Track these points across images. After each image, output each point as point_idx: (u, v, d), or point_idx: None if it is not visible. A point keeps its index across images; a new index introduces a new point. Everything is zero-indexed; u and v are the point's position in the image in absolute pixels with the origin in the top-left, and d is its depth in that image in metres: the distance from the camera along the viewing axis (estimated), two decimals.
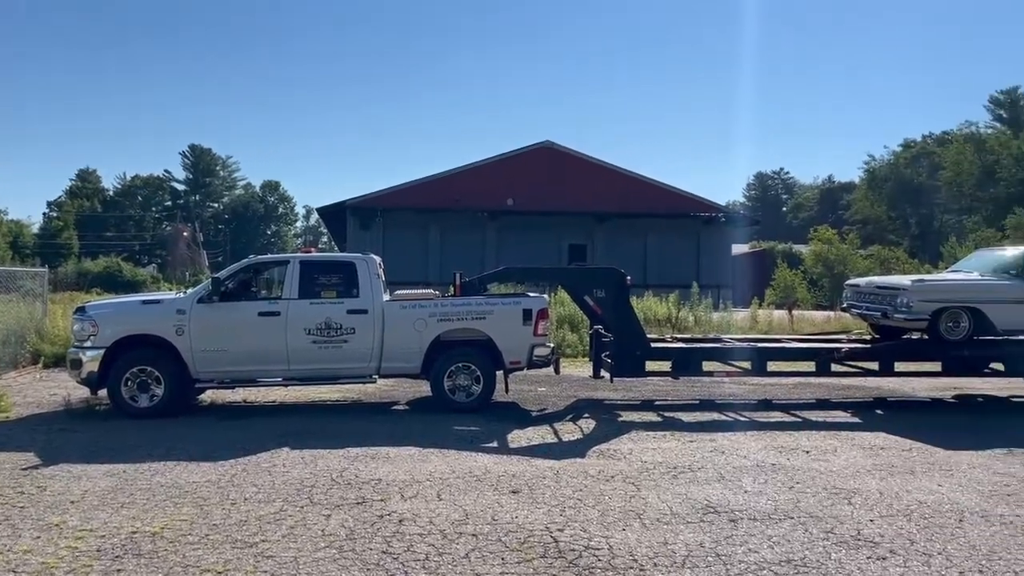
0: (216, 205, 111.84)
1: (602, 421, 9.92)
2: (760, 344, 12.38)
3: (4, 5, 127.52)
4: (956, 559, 5.17)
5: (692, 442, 8.67)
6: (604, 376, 11.62)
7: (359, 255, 10.84)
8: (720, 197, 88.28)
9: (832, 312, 24.99)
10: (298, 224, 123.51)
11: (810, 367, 11.72)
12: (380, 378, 10.72)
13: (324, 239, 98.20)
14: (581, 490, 6.66)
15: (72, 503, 6.18)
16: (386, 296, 10.70)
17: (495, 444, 8.49)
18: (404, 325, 10.33)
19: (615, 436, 8.95)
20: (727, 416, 10.47)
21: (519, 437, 8.84)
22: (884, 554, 5.23)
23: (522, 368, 10.71)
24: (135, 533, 5.48)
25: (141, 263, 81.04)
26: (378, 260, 10.88)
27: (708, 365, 11.67)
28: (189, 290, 11.09)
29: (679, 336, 14.34)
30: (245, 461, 7.53)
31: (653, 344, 11.86)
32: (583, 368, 13.83)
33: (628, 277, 11.53)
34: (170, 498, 6.32)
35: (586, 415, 10.31)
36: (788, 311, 24.55)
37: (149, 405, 9.75)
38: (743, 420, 10.19)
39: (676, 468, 7.46)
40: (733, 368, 11.68)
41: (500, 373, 10.61)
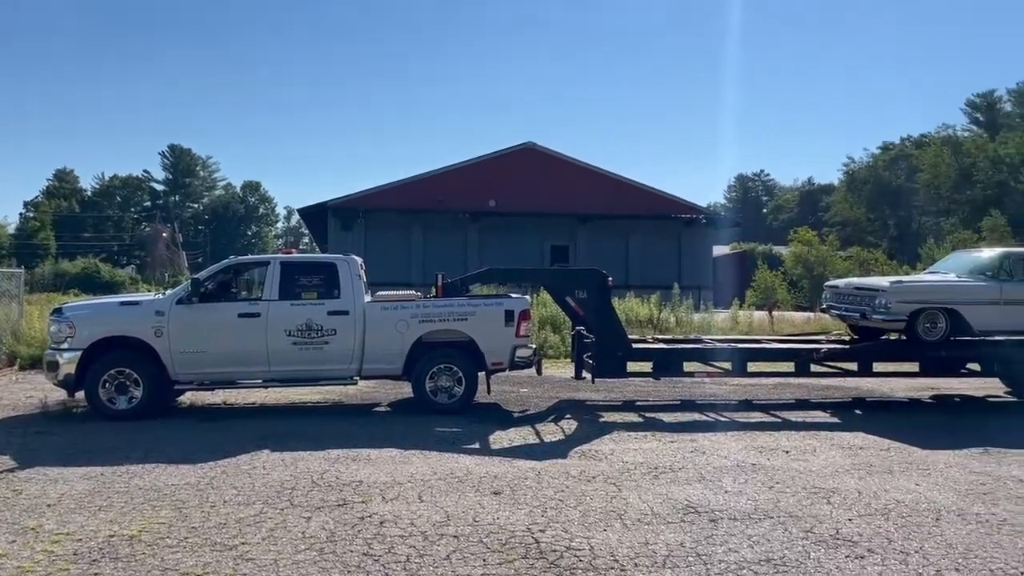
0: (196, 206, 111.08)
1: (584, 422, 9.94)
2: (740, 345, 12.46)
3: None
4: (933, 557, 5.22)
5: (673, 442, 8.71)
6: (586, 377, 11.65)
7: (340, 256, 10.80)
8: (701, 199, 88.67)
9: (812, 313, 25.17)
10: (279, 225, 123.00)
11: (790, 368, 11.81)
12: (361, 380, 10.70)
13: (305, 240, 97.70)
14: (562, 491, 6.67)
15: (48, 506, 6.11)
16: (367, 297, 10.66)
17: (477, 445, 8.48)
18: (386, 326, 10.30)
19: (597, 437, 8.97)
20: (708, 416, 10.52)
21: (501, 438, 8.84)
22: (862, 553, 5.28)
23: (504, 369, 10.71)
24: (112, 536, 5.42)
25: (120, 264, 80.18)
26: (359, 261, 10.85)
27: (689, 366, 11.73)
28: (168, 291, 10.99)
29: (660, 337, 14.40)
30: (225, 463, 7.48)
31: (634, 345, 11.90)
32: (565, 369, 13.85)
33: (610, 278, 11.56)
34: (148, 501, 6.26)
35: (568, 416, 10.33)
36: (768, 312, 24.73)
37: (127, 407, 9.66)
38: (724, 420, 10.24)
39: (657, 468, 7.49)
40: (714, 369, 11.74)
41: (482, 374, 10.61)
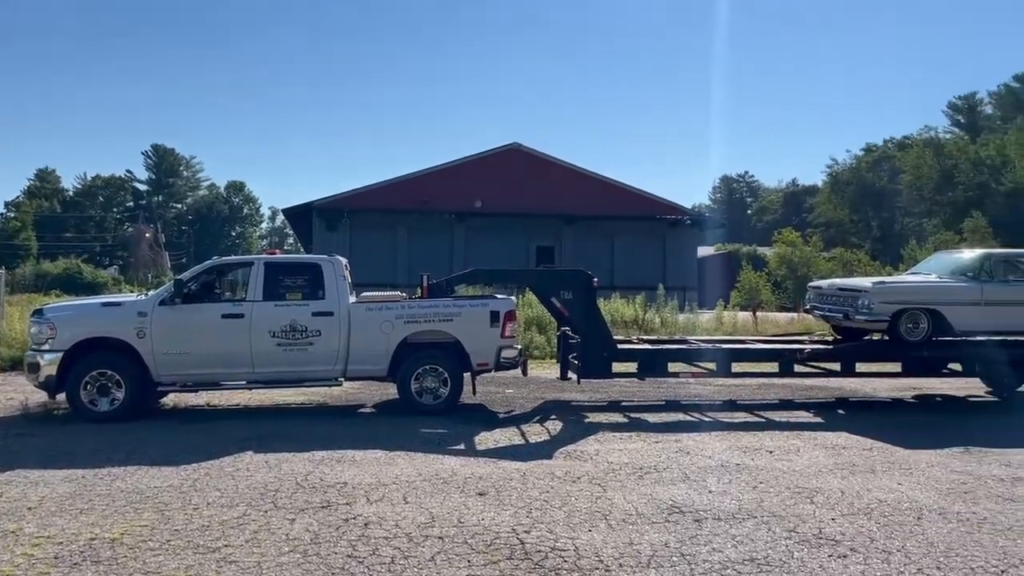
0: (179, 206, 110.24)
1: (569, 422, 9.95)
2: (725, 345, 12.51)
3: None
4: (914, 556, 5.27)
5: (658, 443, 8.73)
6: (571, 378, 11.66)
7: (324, 257, 10.76)
8: (686, 200, 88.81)
9: (796, 314, 25.33)
10: (263, 225, 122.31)
11: (774, 368, 11.88)
12: (346, 381, 10.66)
13: (290, 240, 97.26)
14: (548, 491, 6.68)
15: (29, 509, 6.05)
16: (352, 298, 10.63)
17: (462, 446, 8.47)
18: (370, 327, 10.27)
19: (582, 437, 8.99)
20: (692, 417, 10.56)
21: (486, 439, 8.84)
22: (845, 552, 5.31)
23: (490, 370, 10.71)
24: (94, 540, 5.38)
25: (102, 265, 79.51)
26: (344, 262, 10.81)
27: (674, 366, 11.77)
28: (151, 292, 10.91)
29: (645, 338, 14.45)
30: (208, 465, 7.43)
31: (620, 346, 11.94)
32: (550, 370, 13.86)
33: (595, 279, 11.58)
34: (130, 503, 6.21)
35: (553, 416, 10.33)
36: (752, 313, 24.85)
37: (109, 409, 9.58)
38: (708, 421, 10.28)
39: (642, 469, 7.51)
40: (698, 369, 11.79)
41: (468, 375, 10.60)
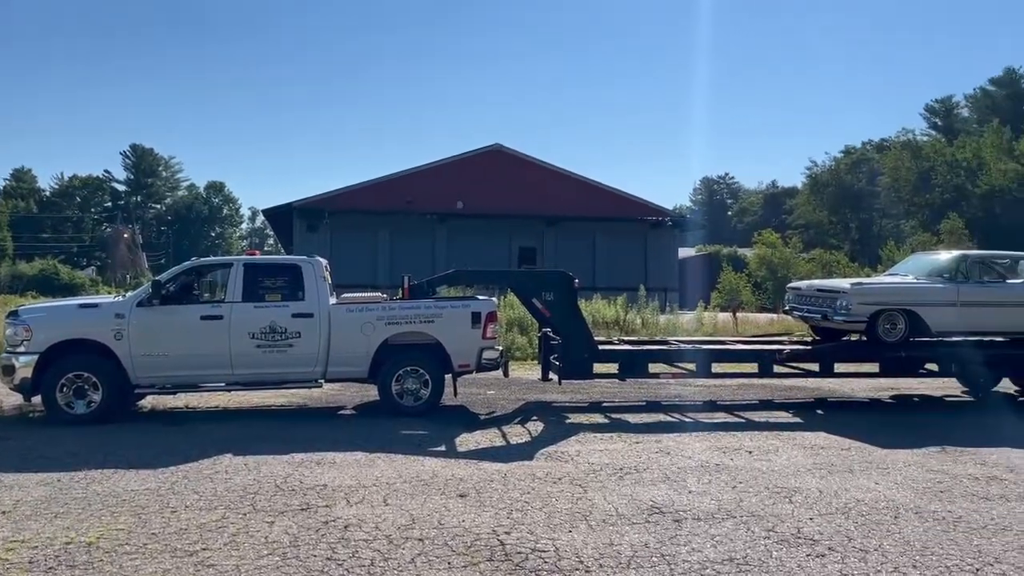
0: (158, 206, 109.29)
1: (550, 423, 9.96)
2: (705, 346, 12.55)
3: None
4: (891, 555, 5.32)
5: (638, 443, 8.76)
6: (553, 379, 11.67)
7: (304, 258, 10.70)
8: (667, 202, 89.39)
9: (775, 314, 25.49)
10: (243, 226, 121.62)
11: (753, 368, 11.94)
12: (326, 383, 10.62)
13: (270, 241, 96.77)
14: (528, 492, 6.68)
15: (3, 513, 5.97)
16: (333, 299, 10.58)
17: (443, 448, 8.46)
18: (351, 329, 10.22)
19: (563, 438, 9.00)
20: (673, 417, 10.60)
21: (467, 440, 8.83)
22: (823, 551, 5.35)
23: (471, 371, 10.69)
24: (69, 544, 5.31)
25: (79, 266, 78.48)
26: (324, 263, 10.76)
27: (654, 367, 11.79)
28: (129, 293, 10.81)
29: (626, 339, 14.48)
30: (186, 468, 7.37)
31: (601, 346, 11.95)
32: (532, 371, 13.87)
33: (576, 280, 11.60)
34: (107, 507, 6.14)
35: (534, 417, 10.34)
36: (733, 314, 24.96)
37: (86, 412, 9.48)
38: (688, 421, 10.33)
39: (622, 469, 7.53)
40: (679, 370, 11.83)
41: (449, 376, 10.57)
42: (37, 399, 9.65)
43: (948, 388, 13.37)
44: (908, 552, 5.37)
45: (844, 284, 12.01)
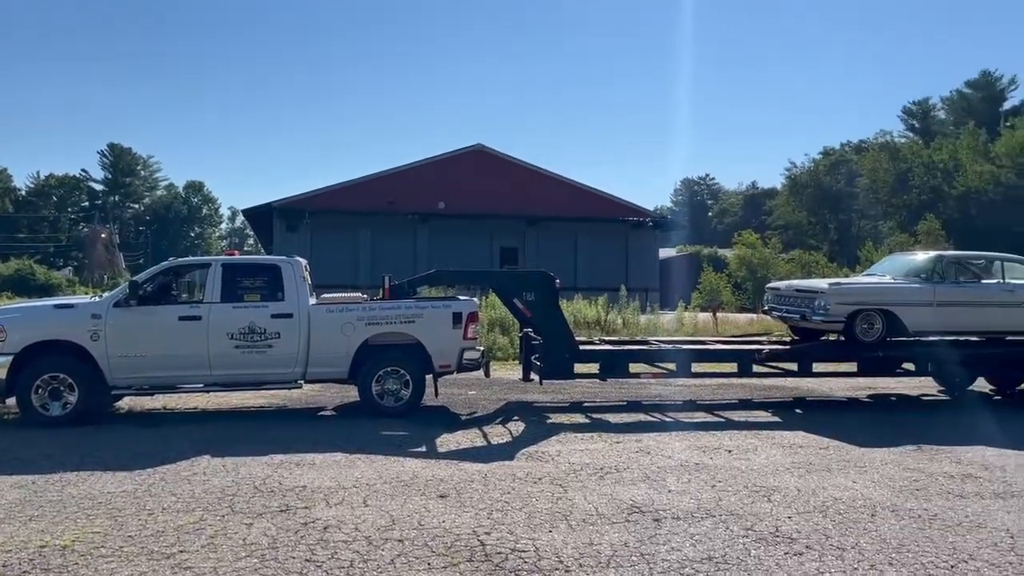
0: (136, 206, 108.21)
1: (531, 423, 9.96)
2: (686, 346, 12.62)
3: None
4: (868, 552, 5.36)
5: (619, 443, 8.78)
6: (534, 379, 11.68)
7: (283, 258, 10.63)
8: (648, 202, 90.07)
9: (755, 314, 25.65)
10: (223, 226, 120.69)
11: (733, 368, 12.02)
12: (306, 383, 10.54)
13: (250, 241, 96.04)
14: (509, 493, 6.67)
15: None
16: (312, 300, 10.52)
17: (423, 448, 8.44)
18: (331, 329, 10.17)
19: (544, 438, 9.00)
20: (653, 417, 10.64)
21: (448, 441, 8.81)
22: (801, 549, 5.39)
23: (452, 372, 10.68)
24: (44, 547, 5.25)
25: (56, 266, 77.52)
26: (304, 263, 10.69)
27: (635, 367, 11.84)
28: (105, 294, 10.69)
29: (607, 339, 14.52)
30: (163, 470, 7.30)
31: (582, 346, 11.98)
32: (513, 371, 13.87)
33: (557, 280, 11.61)
34: (83, 510, 6.07)
35: (515, 418, 10.34)
36: (713, 314, 25.11)
37: (62, 414, 9.36)
38: (668, 421, 10.37)
39: (603, 469, 7.54)
40: (659, 370, 11.88)
41: (430, 377, 10.55)
42: (12, 401, 9.54)
43: (925, 387, 13.52)
44: (885, 550, 5.42)
45: (822, 284, 12.10)
